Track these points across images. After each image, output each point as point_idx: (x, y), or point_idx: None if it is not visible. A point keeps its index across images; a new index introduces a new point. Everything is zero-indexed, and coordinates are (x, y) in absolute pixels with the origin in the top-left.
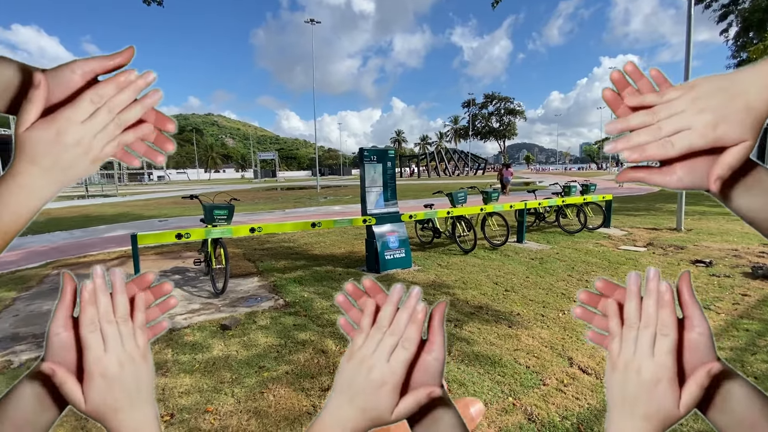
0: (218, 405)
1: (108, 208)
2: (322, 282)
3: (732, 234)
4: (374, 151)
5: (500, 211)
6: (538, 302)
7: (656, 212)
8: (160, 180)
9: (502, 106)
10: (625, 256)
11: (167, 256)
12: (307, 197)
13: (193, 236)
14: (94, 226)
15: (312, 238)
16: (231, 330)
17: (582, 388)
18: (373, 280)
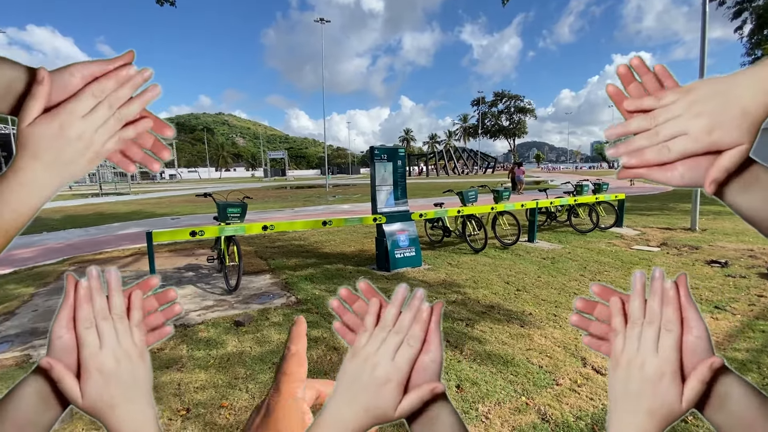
0: (233, 400)
1: (121, 206)
2: (333, 280)
3: (748, 234)
4: (385, 149)
5: (511, 210)
6: (551, 302)
7: (670, 212)
8: (172, 178)
9: (512, 104)
10: (639, 256)
11: (180, 253)
12: (317, 196)
13: (207, 234)
14: (108, 224)
15: (322, 237)
16: (244, 326)
17: (596, 389)
18: (368, 283)
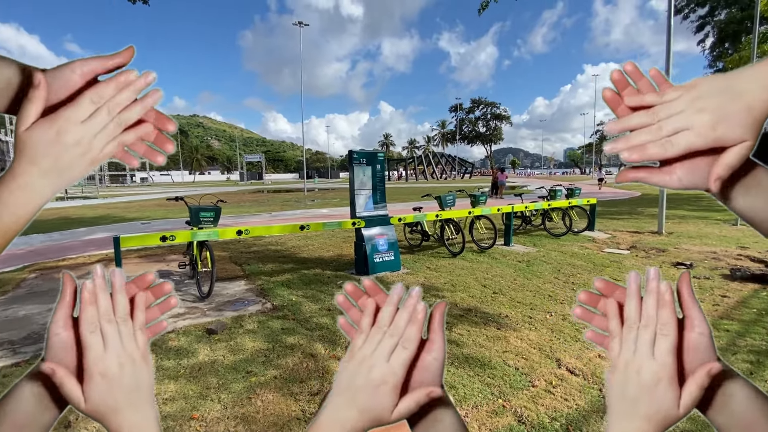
0: (204, 411)
1: (88, 210)
2: (311, 285)
3: (710, 237)
4: (364, 153)
5: (488, 215)
6: (526, 304)
7: (638, 216)
8: (143, 182)
9: (488, 111)
10: (609, 259)
11: (151, 259)
12: (295, 200)
13: (178, 239)
14: (74, 229)
15: (300, 241)
16: (217, 334)
17: (570, 389)
18: (373, 280)
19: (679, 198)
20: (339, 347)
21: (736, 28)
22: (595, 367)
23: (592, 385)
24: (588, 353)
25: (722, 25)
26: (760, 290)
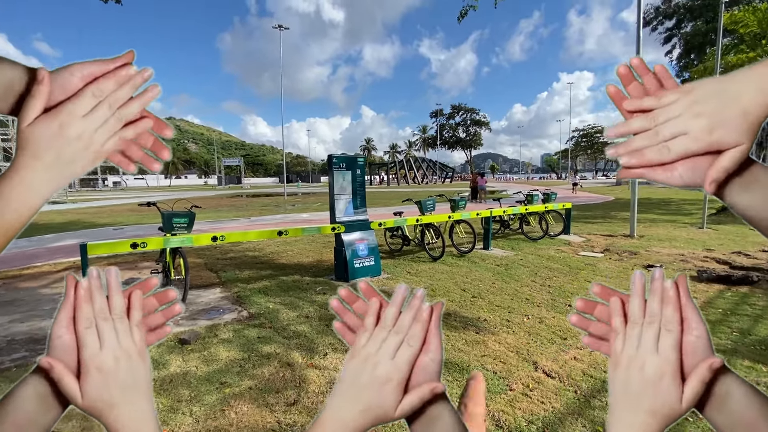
0: (174, 426)
1: (56, 216)
2: (289, 292)
3: (679, 240)
4: (343, 158)
5: (467, 219)
6: (504, 308)
7: (612, 219)
8: (115, 186)
9: (468, 117)
10: (585, 262)
11: (122, 266)
12: (274, 204)
13: (149, 245)
14: (40, 235)
15: (279, 247)
16: (190, 344)
17: (547, 392)
18: (369, 284)
19: (649, 202)
20: (317, 355)
21: (702, 40)
22: (570, 369)
23: (568, 388)
24: (564, 356)
25: (688, 37)
26: (725, 291)
